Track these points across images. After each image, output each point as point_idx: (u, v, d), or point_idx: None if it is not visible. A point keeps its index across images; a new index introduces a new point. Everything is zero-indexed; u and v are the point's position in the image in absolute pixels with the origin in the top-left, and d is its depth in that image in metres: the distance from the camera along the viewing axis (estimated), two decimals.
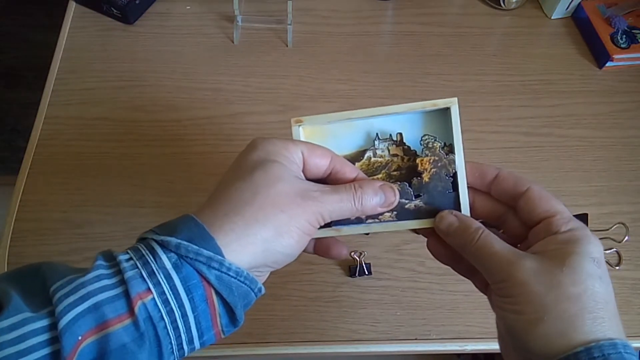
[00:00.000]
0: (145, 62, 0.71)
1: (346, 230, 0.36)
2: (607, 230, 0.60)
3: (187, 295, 0.28)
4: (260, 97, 0.68)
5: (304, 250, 0.37)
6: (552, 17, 0.77)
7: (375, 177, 0.37)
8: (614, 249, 0.59)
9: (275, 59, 0.72)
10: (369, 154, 0.37)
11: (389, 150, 0.37)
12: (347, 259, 0.58)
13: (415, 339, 0.55)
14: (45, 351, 0.25)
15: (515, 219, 0.35)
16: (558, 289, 0.29)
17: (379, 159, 0.37)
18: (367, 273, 0.57)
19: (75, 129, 0.65)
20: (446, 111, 0.36)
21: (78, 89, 0.68)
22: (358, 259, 0.57)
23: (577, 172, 0.65)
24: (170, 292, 0.27)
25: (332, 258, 0.41)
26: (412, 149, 0.37)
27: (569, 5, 0.75)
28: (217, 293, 0.29)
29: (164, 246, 0.28)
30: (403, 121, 0.37)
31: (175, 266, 0.28)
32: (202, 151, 0.64)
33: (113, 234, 0.59)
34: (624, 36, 0.71)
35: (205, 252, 0.28)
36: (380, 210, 0.35)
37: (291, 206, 0.31)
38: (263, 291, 0.32)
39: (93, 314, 0.26)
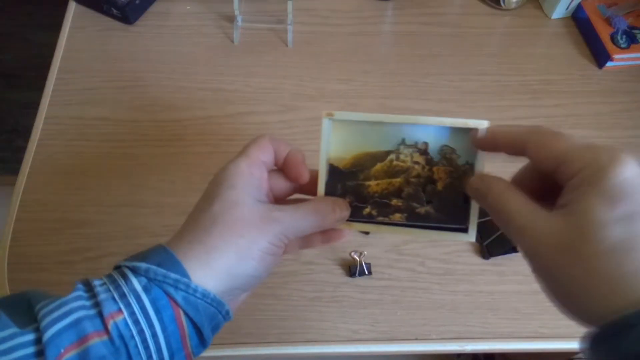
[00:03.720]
0: (145, 62, 0.71)
1: (357, 226, 0.38)
2: None
3: (157, 315, 0.29)
4: (260, 97, 0.68)
5: (308, 247, 0.39)
6: (552, 17, 0.77)
7: (394, 179, 0.38)
8: None
9: (275, 59, 0.72)
10: (392, 156, 0.38)
11: (412, 157, 0.38)
12: (347, 259, 0.58)
13: (415, 339, 0.55)
14: None
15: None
16: (569, 254, 0.26)
17: (401, 163, 0.38)
18: (367, 273, 0.57)
19: (75, 129, 0.65)
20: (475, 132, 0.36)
21: (78, 89, 0.68)
22: (358, 259, 0.57)
23: None
24: (140, 312, 0.29)
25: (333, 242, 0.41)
26: (434, 160, 0.38)
27: (569, 5, 0.75)
28: (186, 314, 0.30)
29: (135, 271, 0.30)
30: (431, 132, 0.37)
31: (145, 288, 0.29)
32: (202, 151, 0.64)
33: (113, 234, 0.59)
34: (624, 36, 0.71)
35: (172, 275, 0.30)
36: (337, 224, 0.36)
37: (250, 230, 0.32)
38: (231, 315, 0.33)
39: (75, 329, 0.28)
